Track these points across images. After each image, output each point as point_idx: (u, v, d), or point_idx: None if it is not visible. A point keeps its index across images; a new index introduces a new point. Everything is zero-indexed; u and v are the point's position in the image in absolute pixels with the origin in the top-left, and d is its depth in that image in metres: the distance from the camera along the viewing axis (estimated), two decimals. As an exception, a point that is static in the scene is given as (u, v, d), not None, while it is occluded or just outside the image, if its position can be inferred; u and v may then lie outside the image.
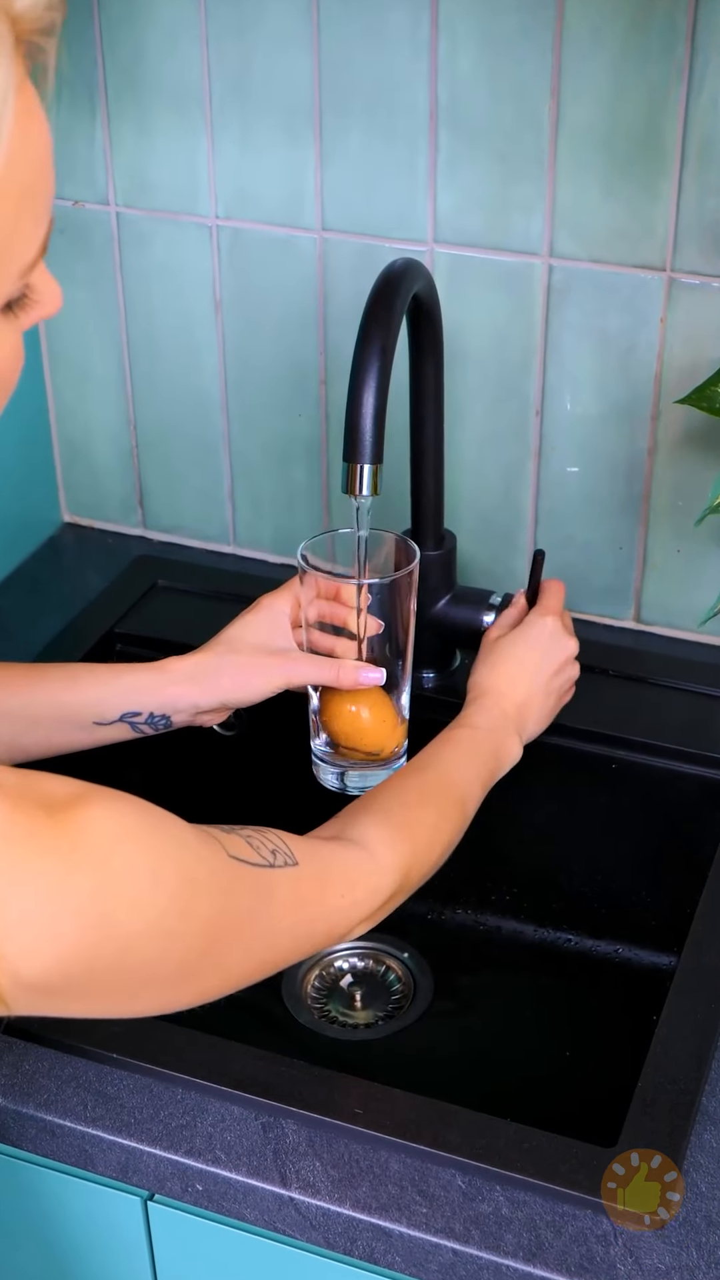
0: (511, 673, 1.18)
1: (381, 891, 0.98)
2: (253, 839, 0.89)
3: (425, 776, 1.08)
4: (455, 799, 1.08)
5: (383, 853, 0.99)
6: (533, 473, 1.41)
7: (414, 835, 1.03)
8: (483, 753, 1.13)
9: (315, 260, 1.40)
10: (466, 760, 1.11)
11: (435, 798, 1.07)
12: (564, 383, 1.36)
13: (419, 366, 1.24)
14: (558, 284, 1.32)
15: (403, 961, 1.37)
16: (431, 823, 1.05)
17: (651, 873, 1.34)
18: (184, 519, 1.59)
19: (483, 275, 1.34)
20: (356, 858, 0.98)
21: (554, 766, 1.32)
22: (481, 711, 1.15)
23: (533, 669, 1.19)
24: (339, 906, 0.95)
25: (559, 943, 1.39)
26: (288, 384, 1.47)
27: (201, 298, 1.46)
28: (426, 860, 1.04)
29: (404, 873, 1.00)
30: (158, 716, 1.15)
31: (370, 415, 1.07)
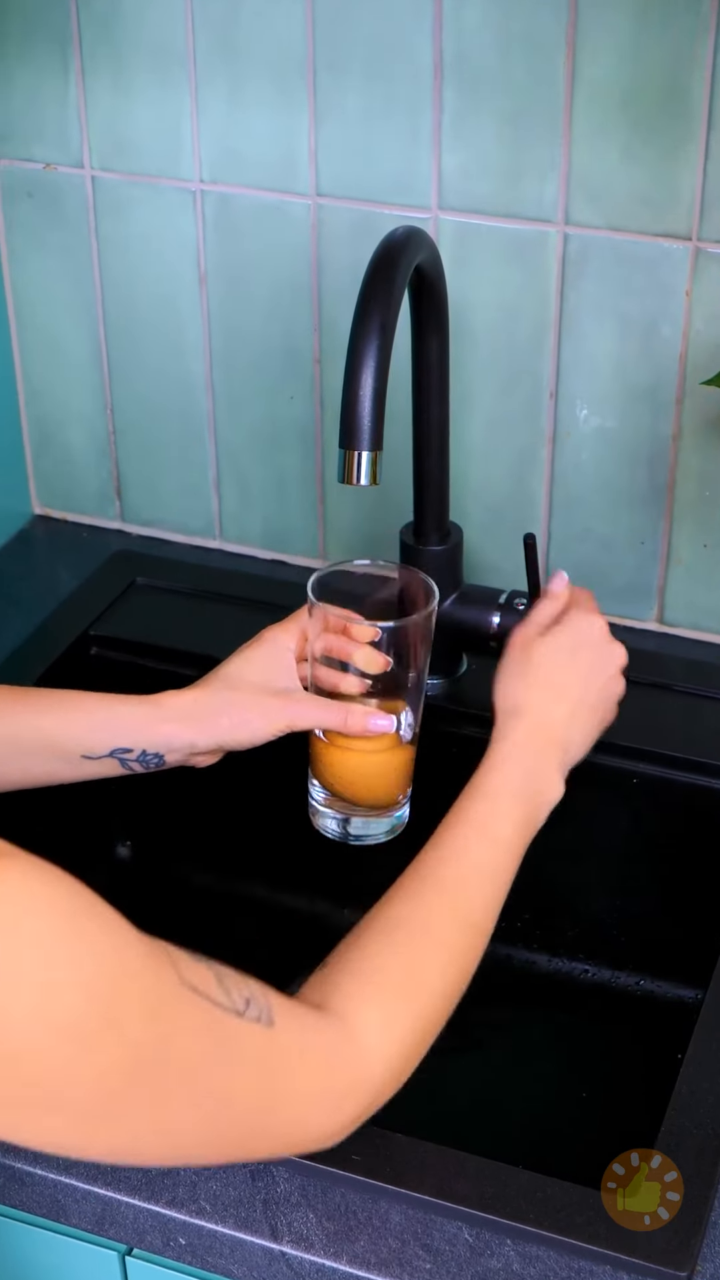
0: (557, 682, 1.11)
1: (366, 1088, 0.90)
2: (226, 978, 0.83)
3: (436, 895, 0.98)
4: (472, 919, 0.99)
5: (373, 1039, 0.90)
6: (546, 460, 1.41)
7: (415, 1005, 0.94)
8: (517, 812, 1.05)
9: (309, 228, 1.40)
10: (493, 835, 1.03)
11: (446, 929, 0.98)
12: (580, 362, 1.36)
13: (422, 344, 1.24)
14: (573, 254, 1.33)
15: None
16: (437, 973, 0.96)
17: (676, 898, 1.34)
18: (166, 511, 1.59)
19: (492, 245, 1.34)
20: (339, 1040, 0.89)
21: (570, 782, 1.32)
22: (517, 736, 1.08)
23: (581, 680, 1.12)
24: (311, 1096, 0.87)
25: (575, 974, 1.39)
26: (279, 363, 1.47)
27: (185, 269, 1.46)
28: (432, 1028, 0.95)
29: (401, 1062, 0.92)
30: (150, 754, 1.13)
31: (369, 398, 1.07)
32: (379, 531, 1.48)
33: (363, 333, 1.08)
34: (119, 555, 1.56)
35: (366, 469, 1.08)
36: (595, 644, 1.14)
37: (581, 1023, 1.35)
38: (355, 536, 1.52)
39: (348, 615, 1.14)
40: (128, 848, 1.51)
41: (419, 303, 1.22)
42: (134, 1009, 0.74)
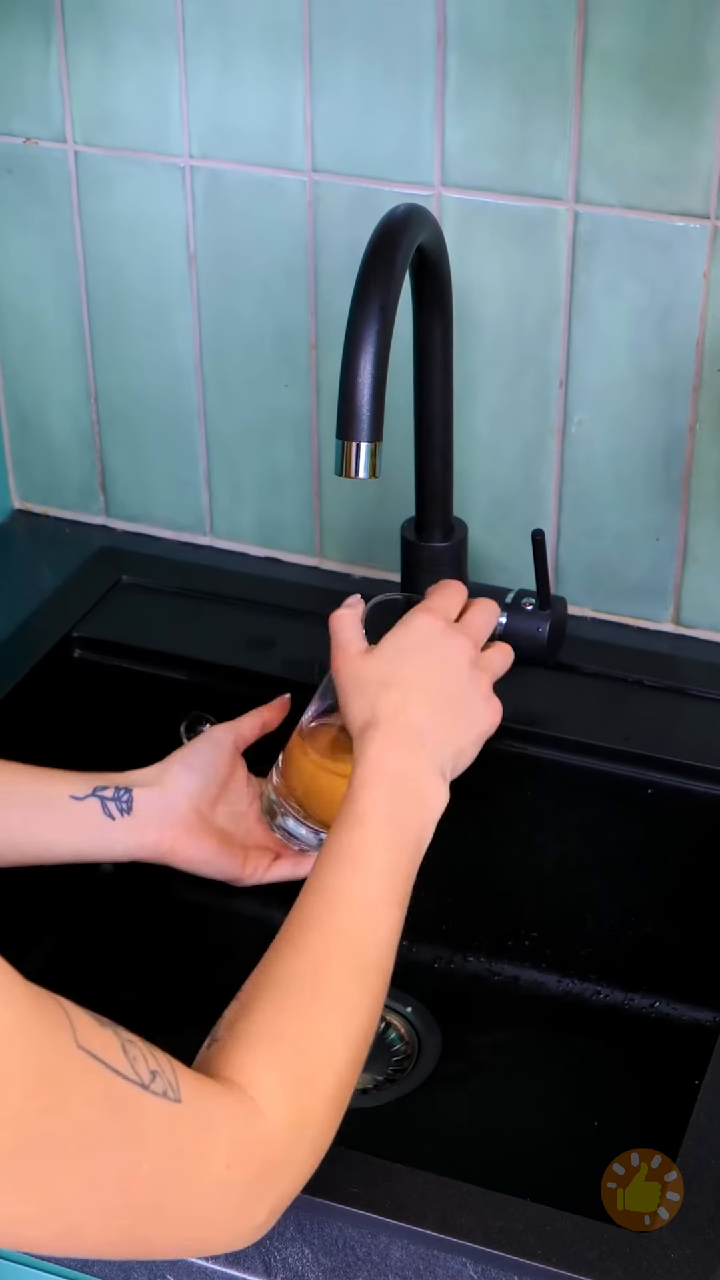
0: (405, 681, 1.06)
1: (283, 1171, 0.87)
2: (131, 1045, 0.80)
3: (322, 943, 0.96)
4: (365, 963, 0.96)
5: (283, 1114, 0.88)
6: (555, 452, 1.41)
7: (322, 1069, 0.91)
8: (391, 835, 1.00)
9: (304, 206, 1.40)
10: (368, 865, 0.99)
11: (340, 979, 0.95)
12: (591, 348, 1.36)
13: (424, 329, 1.24)
14: (585, 234, 1.33)
15: (405, 1016, 1.37)
16: (339, 1031, 0.93)
17: (694, 915, 1.34)
18: (153, 505, 1.59)
19: (498, 224, 1.34)
20: (249, 1119, 0.86)
21: (580, 792, 1.32)
22: (374, 750, 1.03)
23: (436, 673, 1.07)
24: (222, 1182, 0.83)
25: (586, 995, 1.39)
26: (272, 349, 1.47)
27: (173, 249, 1.46)
28: (345, 1088, 0.93)
29: (317, 1134, 0.90)
30: (121, 790, 1.21)
31: (368, 386, 1.07)
32: (378, 527, 1.48)
33: (361, 317, 1.08)
34: (103, 552, 1.56)
35: (365, 461, 1.08)
36: (435, 637, 1.10)
37: (593, 1047, 1.35)
38: (353, 532, 1.52)
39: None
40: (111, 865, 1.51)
41: (421, 285, 1.21)
42: (17, 1072, 0.71)
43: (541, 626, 1.31)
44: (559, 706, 1.34)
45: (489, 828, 1.36)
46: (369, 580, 1.52)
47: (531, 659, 1.31)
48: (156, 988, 1.39)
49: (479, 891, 1.40)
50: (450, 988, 1.40)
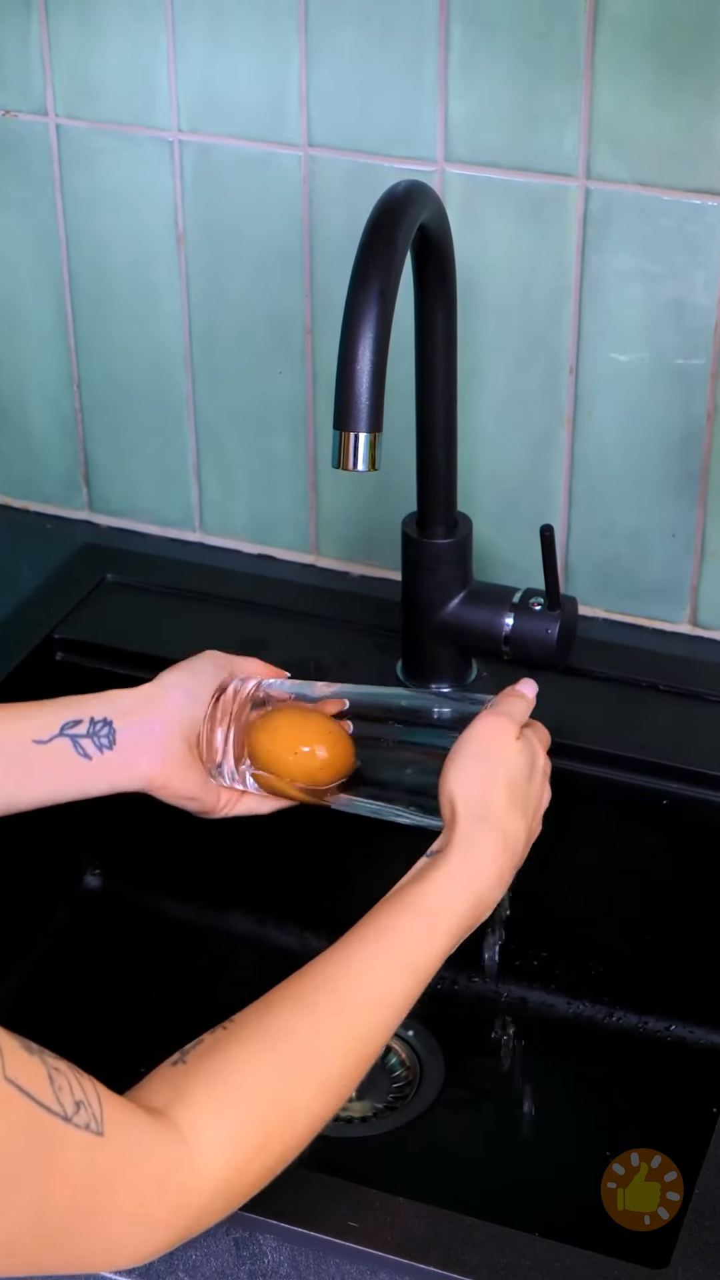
0: (520, 793, 1.11)
1: (192, 1214, 0.90)
2: (58, 1074, 0.83)
3: (333, 1015, 0.98)
4: (364, 1051, 0.98)
5: (214, 1164, 0.90)
6: (565, 444, 1.41)
7: (274, 1135, 0.93)
8: (450, 940, 1.04)
9: (299, 183, 1.40)
10: (415, 961, 1.02)
11: (334, 1057, 0.97)
12: (603, 333, 1.36)
13: (426, 314, 1.24)
14: (596, 212, 1.33)
15: (406, 1040, 1.37)
16: (307, 1104, 0.95)
17: (711, 932, 1.34)
18: (139, 499, 1.59)
19: (504, 201, 1.34)
20: (175, 1160, 0.89)
21: (592, 803, 1.32)
22: (481, 849, 1.07)
23: (533, 803, 1.12)
24: (130, 1216, 0.87)
25: (597, 1018, 1.39)
26: (266, 334, 1.47)
27: (160, 228, 1.46)
28: (286, 1159, 0.95)
29: (240, 1191, 0.92)
30: (99, 722, 1.16)
31: (367, 373, 1.07)
32: (378, 523, 1.48)
33: (360, 300, 1.08)
34: (87, 549, 1.56)
35: (364, 453, 1.08)
36: (542, 777, 1.14)
37: (604, 1073, 1.35)
38: (351, 528, 1.52)
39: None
40: (97, 876, 1.51)
41: (423, 267, 1.21)
42: None
43: (550, 628, 1.31)
44: (569, 713, 1.34)
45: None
46: (367, 579, 1.52)
47: (540, 662, 1.31)
48: (144, 1004, 1.39)
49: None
50: (454, 1010, 1.40)
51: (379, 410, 1.08)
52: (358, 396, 1.07)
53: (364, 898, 1.08)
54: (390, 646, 1.40)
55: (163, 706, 1.18)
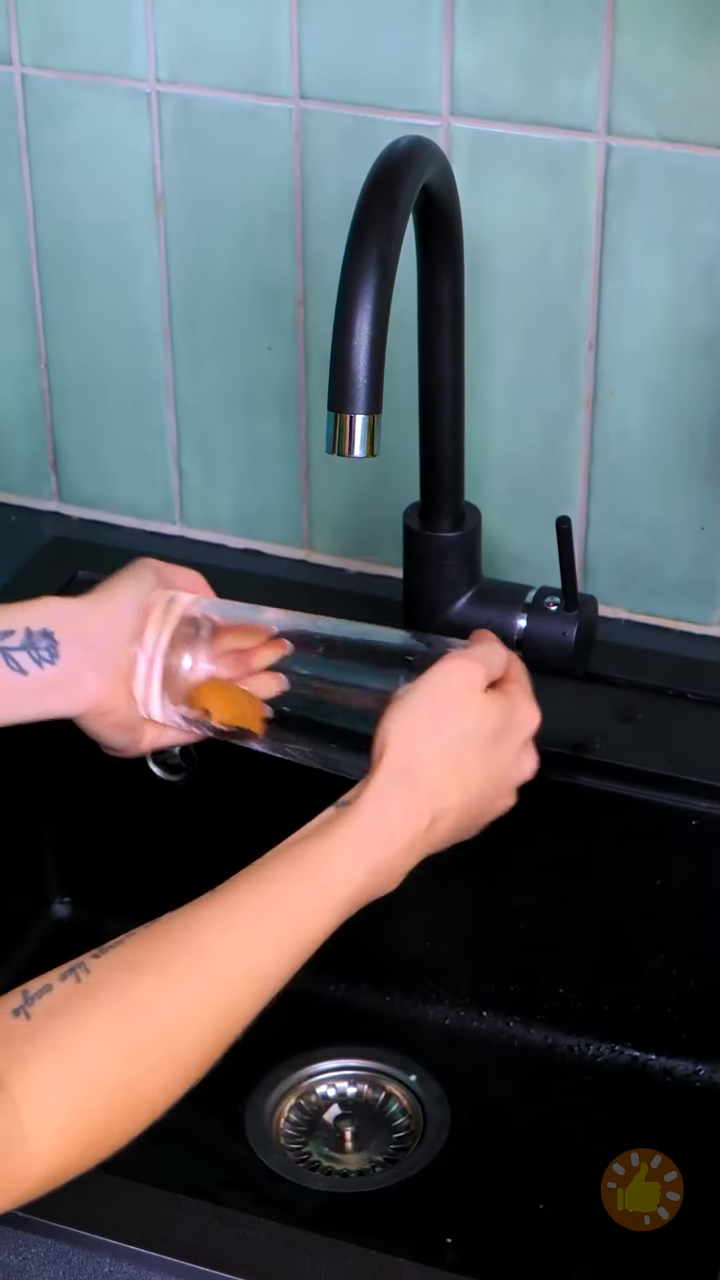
0: (466, 764, 1.09)
1: (9, 1195, 0.90)
2: None
3: (197, 993, 0.97)
4: (229, 1026, 0.98)
5: (43, 1142, 0.90)
6: (584, 426, 1.41)
7: (107, 1122, 0.93)
8: (341, 912, 1.03)
9: (290, 139, 1.40)
10: (301, 932, 1.01)
11: (187, 1041, 0.96)
12: (626, 304, 1.36)
13: (430, 283, 1.24)
14: (618, 171, 1.33)
15: (408, 1086, 1.37)
16: (154, 1093, 0.95)
17: (745, 966, 1.34)
18: (113, 489, 1.59)
19: (516, 160, 1.34)
20: (4, 1131, 0.89)
21: (613, 823, 1.32)
22: (393, 812, 1.05)
23: (488, 777, 1.10)
24: None
25: (620, 1061, 1.39)
26: (253, 306, 1.47)
27: (137, 190, 1.46)
28: (131, 1131, 0.94)
29: (75, 1164, 0.93)
30: (36, 633, 1.12)
31: (365, 349, 1.07)
32: (377, 515, 1.48)
33: (357, 268, 1.08)
34: (56, 544, 1.56)
35: (362, 437, 1.08)
36: (519, 742, 1.12)
37: (629, 1122, 1.35)
38: (348, 521, 1.52)
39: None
40: (66, 905, 1.51)
41: (427, 232, 1.21)
42: None
43: (568, 630, 1.31)
44: (588, 724, 1.34)
45: (507, 866, 1.36)
46: (365, 576, 1.52)
47: (556, 668, 1.31)
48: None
49: (495, 939, 1.40)
50: (461, 1051, 1.40)
51: (378, 390, 1.08)
52: (355, 375, 1.07)
53: (356, 927, 1.08)
54: (391, 651, 1.40)
55: (111, 618, 1.14)
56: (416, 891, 1.22)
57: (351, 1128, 1.35)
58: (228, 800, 1.36)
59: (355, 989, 1.44)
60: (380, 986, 1.45)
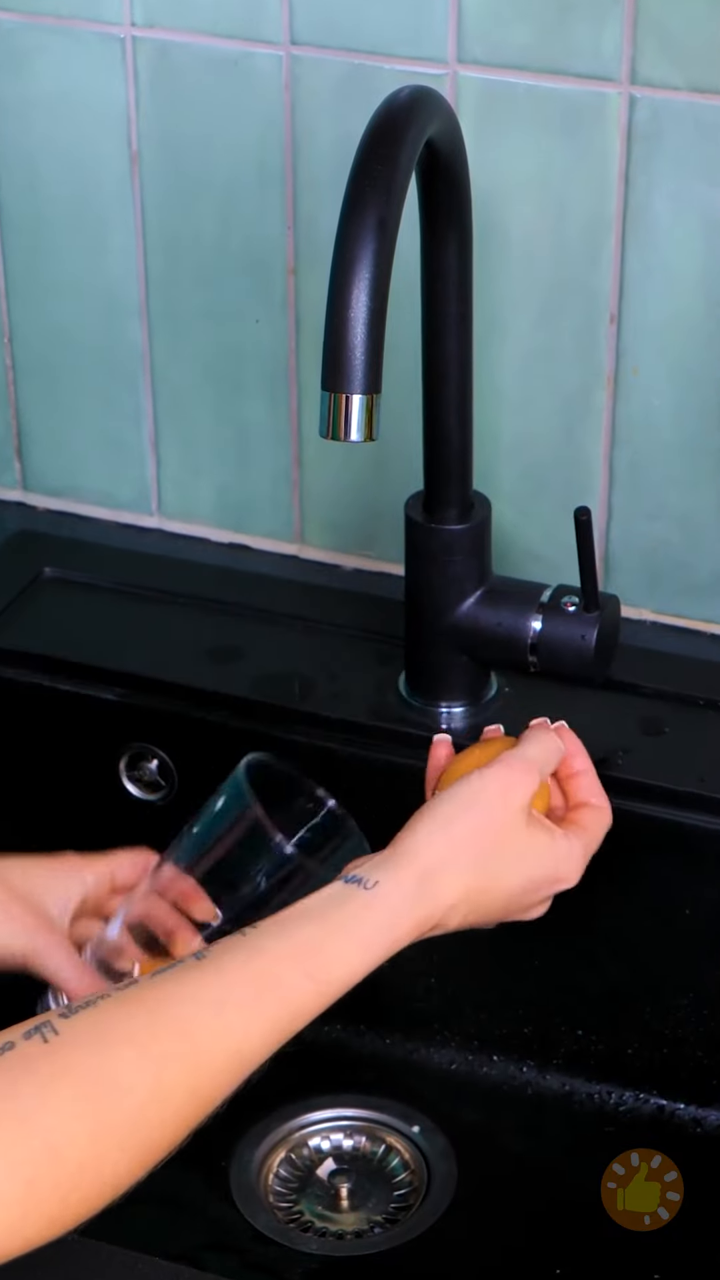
0: (501, 894, 1.13)
1: None
2: None
3: (178, 1077, 0.98)
4: (205, 1107, 0.99)
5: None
6: (605, 408, 1.41)
7: (63, 1199, 0.92)
8: (329, 996, 1.05)
9: (280, 90, 1.40)
10: (288, 1017, 1.03)
11: (161, 1124, 0.97)
12: (651, 273, 1.36)
13: (435, 249, 1.24)
14: (643, 125, 1.32)
15: (411, 1138, 1.37)
16: (119, 1175, 0.95)
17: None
18: (83, 477, 1.59)
19: (530, 113, 1.34)
20: None
21: (639, 846, 1.32)
22: (406, 927, 1.08)
23: (515, 909, 1.15)
24: None
25: (645, 1110, 1.38)
26: (239, 275, 1.47)
27: (110, 146, 1.46)
28: (70, 1224, 0.94)
29: (26, 1238, 0.92)
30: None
31: (362, 322, 1.07)
32: (376, 505, 1.49)
33: (354, 233, 1.07)
34: (20, 537, 1.57)
35: (359, 419, 1.08)
36: (546, 894, 1.15)
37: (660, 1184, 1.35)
38: (343, 512, 1.52)
39: (191, 890, 1.18)
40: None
41: (431, 192, 1.21)
42: None
43: (588, 633, 1.31)
44: (610, 737, 1.34)
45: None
46: (362, 574, 1.52)
47: (575, 675, 1.31)
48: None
49: (508, 975, 1.40)
50: (469, 1100, 1.41)
51: (377, 367, 1.07)
52: (351, 350, 1.07)
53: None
54: (392, 657, 1.40)
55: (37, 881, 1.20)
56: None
57: (348, 1184, 1.35)
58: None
59: (352, 1030, 1.45)
60: (379, 1028, 1.45)
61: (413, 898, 1.07)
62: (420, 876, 1.08)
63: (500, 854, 1.11)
